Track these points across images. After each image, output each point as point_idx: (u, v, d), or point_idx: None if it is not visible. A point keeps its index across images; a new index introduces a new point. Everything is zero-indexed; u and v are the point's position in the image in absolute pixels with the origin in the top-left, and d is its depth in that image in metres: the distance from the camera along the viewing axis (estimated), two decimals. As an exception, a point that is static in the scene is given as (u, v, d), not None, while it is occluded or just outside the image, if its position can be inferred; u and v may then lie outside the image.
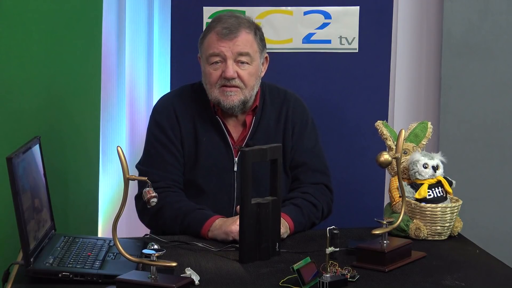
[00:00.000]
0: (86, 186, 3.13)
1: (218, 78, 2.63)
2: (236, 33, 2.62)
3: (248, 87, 2.65)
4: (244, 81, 2.63)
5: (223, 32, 2.62)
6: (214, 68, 2.64)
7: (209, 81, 2.65)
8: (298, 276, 2.04)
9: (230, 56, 2.62)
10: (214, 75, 2.64)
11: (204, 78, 2.68)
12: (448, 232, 2.56)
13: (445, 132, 3.43)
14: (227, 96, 2.63)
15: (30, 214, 2.17)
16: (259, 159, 2.32)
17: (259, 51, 2.68)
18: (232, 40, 2.62)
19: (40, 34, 3.00)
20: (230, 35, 2.62)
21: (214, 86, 2.64)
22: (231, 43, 2.62)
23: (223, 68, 2.63)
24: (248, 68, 2.64)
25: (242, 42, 2.63)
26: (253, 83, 2.66)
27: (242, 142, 2.71)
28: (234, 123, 2.73)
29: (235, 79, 2.62)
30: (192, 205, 2.59)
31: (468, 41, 3.41)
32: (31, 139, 2.37)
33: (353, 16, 3.36)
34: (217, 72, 2.64)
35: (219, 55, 2.63)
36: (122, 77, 3.30)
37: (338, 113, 3.41)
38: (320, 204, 2.69)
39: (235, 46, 2.62)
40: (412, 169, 2.59)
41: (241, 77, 2.63)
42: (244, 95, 2.64)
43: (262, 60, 2.71)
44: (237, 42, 2.62)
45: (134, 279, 1.99)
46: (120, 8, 3.27)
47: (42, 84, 3.02)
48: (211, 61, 2.64)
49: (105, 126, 3.25)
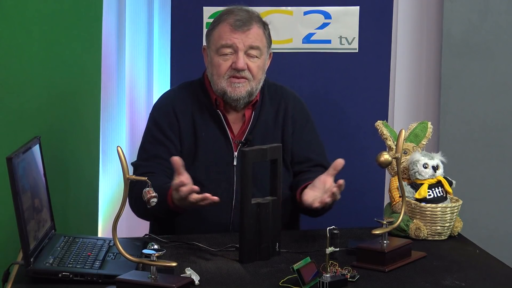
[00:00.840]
0: (86, 186, 3.14)
1: (227, 69, 2.65)
2: (249, 26, 2.64)
3: (256, 80, 2.67)
4: (253, 73, 2.65)
5: (237, 24, 2.64)
6: (224, 59, 2.65)
7: (218, 71, 2.66)
8: (298, 276, 2.04)
9: (242, 48, 2.63)
10: (223, 66, 2.65)
11: (211, 69, 2.69)
12: (448, 232, 2.56)
13: (445, 132, 3.43)
14: (234, 88, 2.65)
15: (30, 214, 2.17)
16: (259, 159, 2.33)
17: (267, 46, 2.71)
18: (245, 32, 2.64)
19: (40, 34, 3.00)
20: (243, 27, 2.64)
21: (222, 77, 2.65)
22: (244, 35, 2.64)
23: (233, 59, 2.64)
24: (257, 62, 2.66)
25: (253, 35, 2.65)
26: (260, 76, 2.69)
27: (241, 136, 2.72)
28: (234, 117, 2.74)
29: (245, 70, 2.64)
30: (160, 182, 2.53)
31: (468, 41, 3.41)
32: (31, 139, 2.37)
33: (353, 16, 3.36)
34: (227, 63, 2.65)
35: (231, 46, 2.64)
36: (122, 77, 3.30)
37: (338, 113, 3.41)
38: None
39: (247, 39, 2.64)
40: (412, 169, 2.59)
41: (251, 69, 2.65)
42: (251, 86, 2.66)
43: (267, 56, 2.73)
44: (250, 35, 2.64)
45: (134, 279, 1.99)
46: (120, 8, 3.27)
47: (42, 84, 3.02)
48: (222, 52, 2.65)
49: (105, 126, 3.25)
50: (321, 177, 2.50)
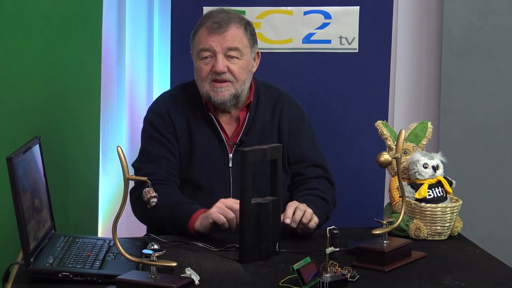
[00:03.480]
0: (86, 186, 3.14)
1: (208, 73, 2.65)
2: (226, 27, 2.64)
3: (239, 81, 2.66)
4: (235, 75, 2.65)
5: (213, 27, 2.63)
6: (205, 63, 2.65)
7: (200, 76, 2.67)
8: (298, 276, 2.04)
9: (219, 51, 2.63)
10: (204, 70, 2.65)
11: (196, 74, 2.70)
12: (448, 232, 2.56)
13: (445, 132, 3.43)
14: (217, 92, 2.65)
15: (30, 214, 2.17)
16: (259, 159, 2.33)
17: (250, 46, 2.69)
18: (222, 34, 2.63)
19: (40, 34, 3.00)
20: (219, 29, 2.63)
21: (205, 81, 2.66)
22: (221, 37, 2.63)
23: (213, 62, 2.64)
24: (239, 63, 2.65)
25: (231, 36, 2.64)
26: (244, 77, 2.67)
27: (236, 138, 2.72)
28: (227, 119, 2.74)
29: (226, 73, 2.64)
30: (183, 199, 2.60)
31: (468, 41, 3.41)
32: (31, 139, 2.37)
33: (353, 16, 3.36)
34: (208, 66, 2.65)
35: (209, 49, 2.64)
36: (122, 77, 3.30)
37: (338, 113, 3.40)
38: (328, 197, 2.71)
39: (224, 41, 2.63)
40: (412, 169, 2.59)
41: (232, 71, 2.64)
42: (235, 88, 2.66)
43: (253, 55, 2.72)
44: (227, 36, 2.64)
45: (134, 279, 1.99)
46: (120, 8, 3.27)
47: (42, 84, 3.02)
48: (202, 56, 2.65)
49: (105, 126, 3.25)
50: None
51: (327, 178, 2.79)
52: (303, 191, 2.70)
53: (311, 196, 2.66)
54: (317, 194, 2.68)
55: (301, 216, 2.44)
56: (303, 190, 2.71)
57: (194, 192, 2.69)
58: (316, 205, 2.62)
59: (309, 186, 2.72)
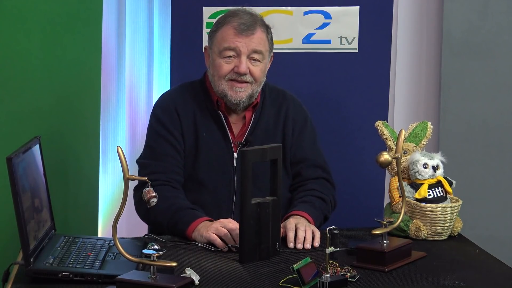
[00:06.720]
0: (86, 186, 3.13)
1: (228, 72, 2.66)
2: (253, 30, 2.65)
3: (257, 83, 2.68)
4: (255, 77, 2.67)
5: (241, 28, 2.64)
6: (227, 62, 2.66)
7: (219, 73, 2.66)
8: (298, 276, 2.04)
9: (245, 52, 2.64)
10: (225, 68, 2.65)
11: (213, 70, 2.69)
12: (448, 232, 2.56)
13: (445, 132, 3.43)
14: (235, 92, 2.66)
15: (30, 214, 2.17)
16: (259, 159, 2.33)
17: (269, 50, 2.72)
18: (249, 36, 2.64)
19: (40, 34, 3.00)
20: (247, 31, 2.64)
21: (223, 79, 2.66)
22: (248, 39, 2.64)
23: (236, 63, 2.65)
24: (259, 65, 2.67)
25: (257, 40, 2.66)
26: (262, 79, 2.70)
27: (241, 137, 2.72)
28: (235, 118, 2.74)
29: (247, 75, 2.64)
30: (186, 203, 2.59)
31: (468, 41, 3.41)
32: (31, 139, 2.37)
33: (353, 16, 3.36)
34: (229, 66, 2.65)
35: (235, 49, 2.65)
36: (122, 77, 3.30)
37: (338, 113, 3.40)
38: (328, 197, 2.72)
39: (251, 43, 2.65)
40: (412, 169, 2.59)
41: (253, 73, 2.66)
42: (252, 89, 2.67)
43: (269, 59, 2.74)
44: (253, 39, 2.65)
45: (134, 279, 1.99)
46: (120, 8, 3.27)
47: (42, 84, 3.02)
48: (225, 54, 2.65)
49: (105, 126, 3.25)
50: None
51: (327, 179, 2.79)
52: (301, 193, 2.71)
53: (309, 197, 2.67)
54: (315, 194, 2.69)
55: (305, 235, 2.44)
56: (301, 192, 2.72)
57: (198, 190, 2.70)
58: (314, 205, 2.63)
59: (307, 187, 2.73)
